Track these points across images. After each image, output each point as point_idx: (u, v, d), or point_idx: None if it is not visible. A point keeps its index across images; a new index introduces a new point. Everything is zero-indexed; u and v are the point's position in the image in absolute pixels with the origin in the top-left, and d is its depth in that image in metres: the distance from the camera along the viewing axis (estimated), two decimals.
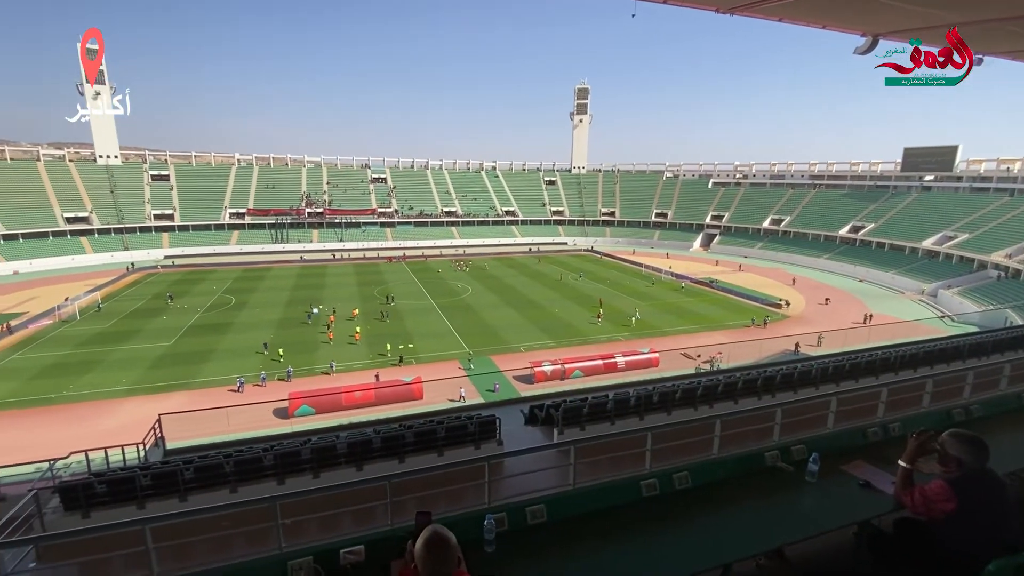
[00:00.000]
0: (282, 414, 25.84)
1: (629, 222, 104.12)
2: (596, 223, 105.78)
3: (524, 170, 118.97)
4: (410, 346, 37.14)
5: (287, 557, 4.11)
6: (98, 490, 7.78)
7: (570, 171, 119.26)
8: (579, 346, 37.84)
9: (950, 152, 79.11)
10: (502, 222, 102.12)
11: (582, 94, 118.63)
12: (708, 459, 6.00)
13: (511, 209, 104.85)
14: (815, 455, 5.22)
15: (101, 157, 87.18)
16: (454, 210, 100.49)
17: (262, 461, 8.61)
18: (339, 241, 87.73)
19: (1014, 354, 12.33)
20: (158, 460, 10.58)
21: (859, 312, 46.97)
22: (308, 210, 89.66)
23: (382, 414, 24.36)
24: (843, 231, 79.49)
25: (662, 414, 10.94)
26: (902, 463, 4.09)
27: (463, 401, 27.58)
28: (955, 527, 3.57)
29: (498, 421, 10.07)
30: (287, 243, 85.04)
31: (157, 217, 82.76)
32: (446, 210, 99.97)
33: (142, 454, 11.31)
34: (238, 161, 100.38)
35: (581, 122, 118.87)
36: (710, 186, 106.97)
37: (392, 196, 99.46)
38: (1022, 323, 37.37)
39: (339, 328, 41.09)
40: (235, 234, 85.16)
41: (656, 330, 42.05)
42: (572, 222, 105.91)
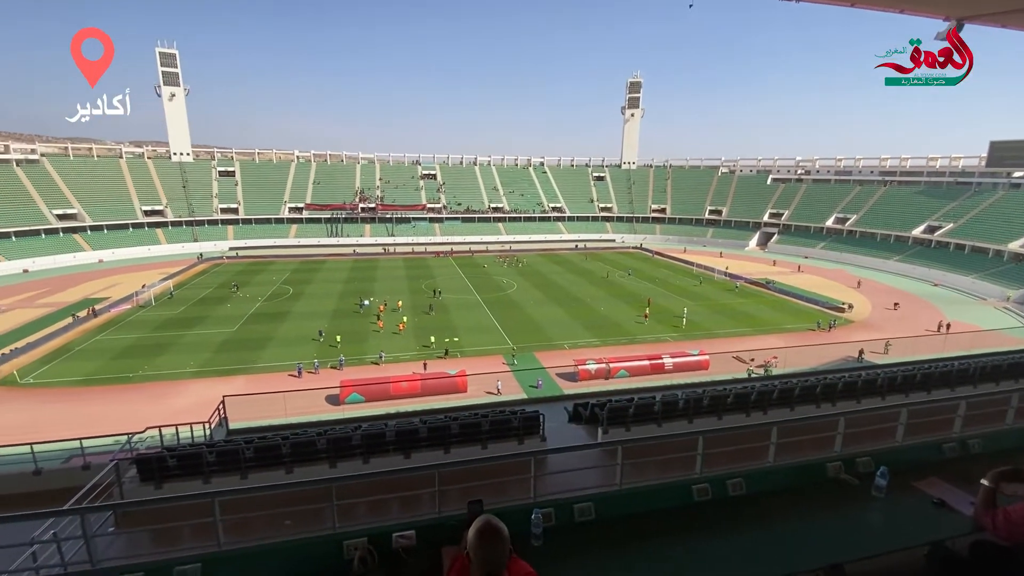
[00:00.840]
0: (333, 400, 26.98)
1: (681, 219, 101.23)
2: (646, 220, 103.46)
3: (572, 166, 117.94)
4: (455, 340, 37.76)
5: (342, 537, 4.27)
6: (170, 463, 8.39)
7: (619, 166, 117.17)
8: (625, 345, 37.21)
9: None
10: (548, 218, 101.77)
11: (634, 87, 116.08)
12: (763, 467, 5.76)
13: (558, 205, 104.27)
14: (883, 469, 4.92)
15: (175, 155, 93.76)
16: (501, 206, 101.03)
17: (316, 444, 9.02)
18: (390, 236, 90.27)
19: None
20: (222, 439, 11.32)
21: (933, 319, 43.55)
22: (361, 205, 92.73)
23: (427, 405, 24.88)
24: (917, 231, 73.93)
25: (712, 418, 10.67)
26: (985, 482, 3.78)
27: (499, 394, 28.16)
28: None
29: (542, 417, 10.09)
30: (341, 237, 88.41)
31: (223, 211, 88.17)
32: (493, 206, 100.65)
33: (208, 432, 12.12)
34: (297, 158, 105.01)
35: (632, 116, 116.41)
36: (769, 182, 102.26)
37: (441, 192, 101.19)
38: None
39: (387, 319, 42.56)
40: (293, 228, 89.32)
41: (706, 331, 40.71)
42: (621, 219, 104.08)
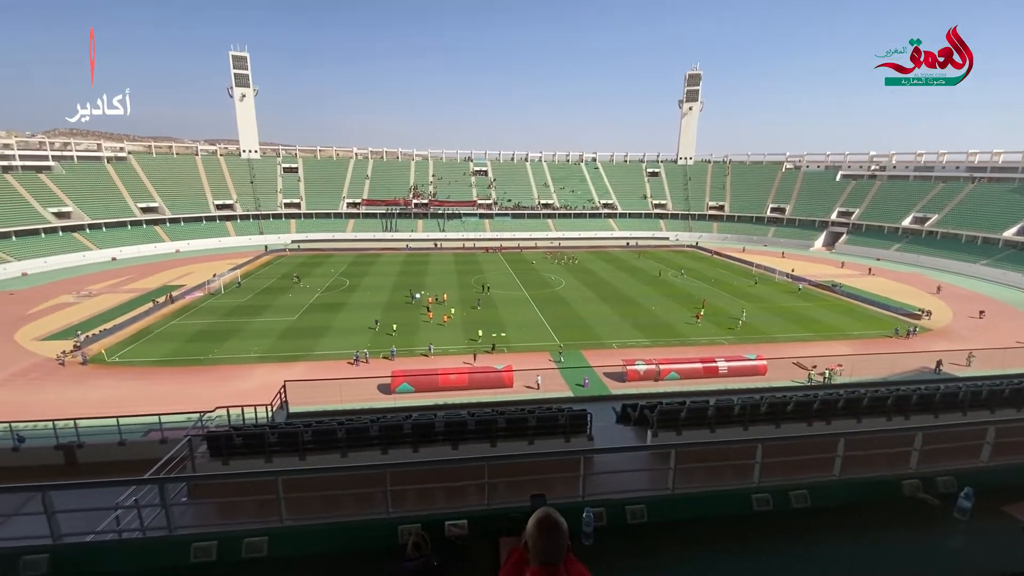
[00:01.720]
0: (385, 389, 27.87)
1: (740, 217, 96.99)
2: (702, 217, 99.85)
3: (625, 161, 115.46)
4: (502, 335, 38.04)
5: (397, 521, 4.39)
6: (236, 442, 8.96)
7: (675, 162, 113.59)
8: (676, 347, 36.13)
9: None
10: (599, 215, 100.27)
11: (693, 80, 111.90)
12: (829, 480, 5.44)
13: (609, 202, 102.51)
14: (968, 490, 4.50)
15: (244, 152, 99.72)
16: (551, 202, 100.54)
17: (369, 431, 9.35)
18: (441, 231, 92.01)
19: None
20: (283, 421, 11.96)
21: None
22: (415, 201, 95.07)
23: (472, 398, 25.36)
24: (1009, 233, 67.13)
25: (770, 426, 10.20)
26: None
27: (538, 389, 28.36)
28: None
29: (589, 417, 10.00)
30: (395, 232, 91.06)
31: (287, 205, 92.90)
32: (543, 202, 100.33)
33: (270, 414, 12.85)
34: (355, 155, 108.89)
35: (691, 110, 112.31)
36: (838, 179, 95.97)
37: (492, 188, 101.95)
38: None
39: (436, 311, 43.77)
40: (351, 222, 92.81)
41: (764, 335, 38.86)
42: (675, 216, 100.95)
